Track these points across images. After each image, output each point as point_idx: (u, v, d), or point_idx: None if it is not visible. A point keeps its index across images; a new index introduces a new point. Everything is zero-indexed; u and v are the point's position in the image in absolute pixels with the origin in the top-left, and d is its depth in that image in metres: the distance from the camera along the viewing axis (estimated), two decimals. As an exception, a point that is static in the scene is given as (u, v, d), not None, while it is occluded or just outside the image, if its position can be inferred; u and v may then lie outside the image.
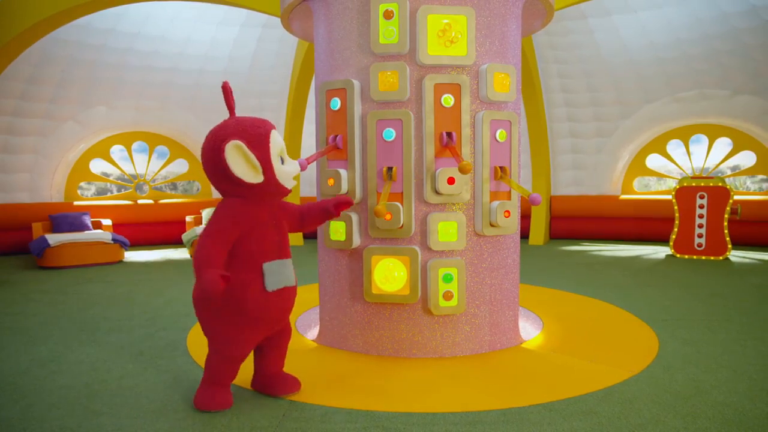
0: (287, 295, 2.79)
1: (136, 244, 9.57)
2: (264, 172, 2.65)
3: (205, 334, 2.80)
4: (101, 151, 9.76)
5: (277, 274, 2.72)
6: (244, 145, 2.59)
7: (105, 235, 7.75)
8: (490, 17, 3.56)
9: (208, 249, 2.53)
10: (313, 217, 2.95)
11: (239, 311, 2.64)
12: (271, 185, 2.69)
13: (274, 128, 2.74)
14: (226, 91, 2.68)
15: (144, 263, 7.83)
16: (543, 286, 5.84)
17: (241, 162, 2.61)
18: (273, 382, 2.94)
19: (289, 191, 2.80)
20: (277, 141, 2.70)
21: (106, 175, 10.25)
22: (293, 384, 2.95)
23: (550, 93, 10.00)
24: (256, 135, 2.63)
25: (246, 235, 2.65)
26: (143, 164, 10.21)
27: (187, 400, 2.88)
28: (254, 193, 2.68)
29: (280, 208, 2.85)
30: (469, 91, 3.51)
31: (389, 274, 3.51)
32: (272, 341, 2.90)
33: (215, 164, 2.62)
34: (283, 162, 2.73)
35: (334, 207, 2.88)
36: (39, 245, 7.28)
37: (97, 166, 9.85)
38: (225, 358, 2.73)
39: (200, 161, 2.71)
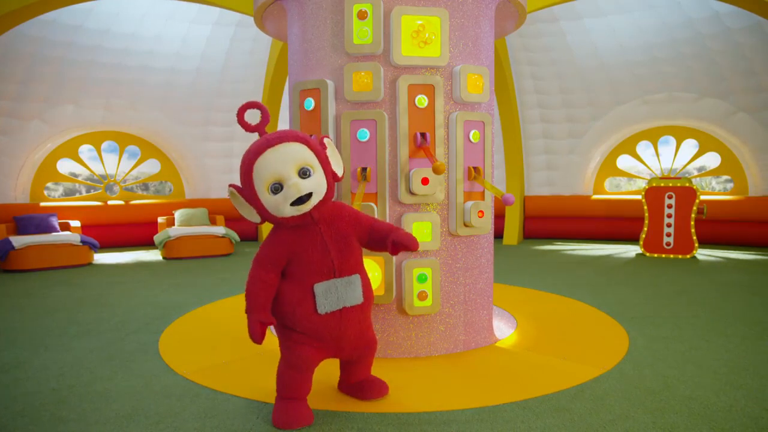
0: (350, 316, 2.59)
1: (107, 246, 9.37)
2: (258, 212, 2.54)
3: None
4: (69, 150, 9.51)
5: (330, 295, 2.53)
6: (235, 192, 2.54)
7: (73, 237, 7.56)
8: (463, 19, 3.59)
9: (253, 279, 2.52)
10: (375, 243, 2.68)
11: (300, 330, 2.57)
12: (271, 220, 2.54)
13: (265, 151, 2.41)
14: (260, 108, 2.58)
15: (114, 265, 7.67)
16: (517, 285, 5.91)
17: (239, 206, 2.58)
18: (359, 388, 2.86)
19: (296, 214, 2.47)
20: (262, 171, 2.41)
21: (75, 175, 9.99)
22: (381, 388, 2.86)
23: (523, 94, 10.14)
24: (241, 172, 2.48)
25: (293, 258, 2.54)
26: (113, 164, 10.00)
27: (158, 404, 2.82)
28: (278, 222, 2.56)
29: (347, 219, 2.64)
30: (443, 91, 3.53)
31: (364, 275, 3.51)
32: (353, 357, 2.78)
33: None
34: (280, 190, 2.41)
35: (392, 246, 2.55)
36: (2, 247, 7.05)
37: (65, 166, 9.60)
38: (290, 366, 2.59)
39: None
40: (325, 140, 2.64)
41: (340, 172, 2.67)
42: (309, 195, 2.45)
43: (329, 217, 2.60)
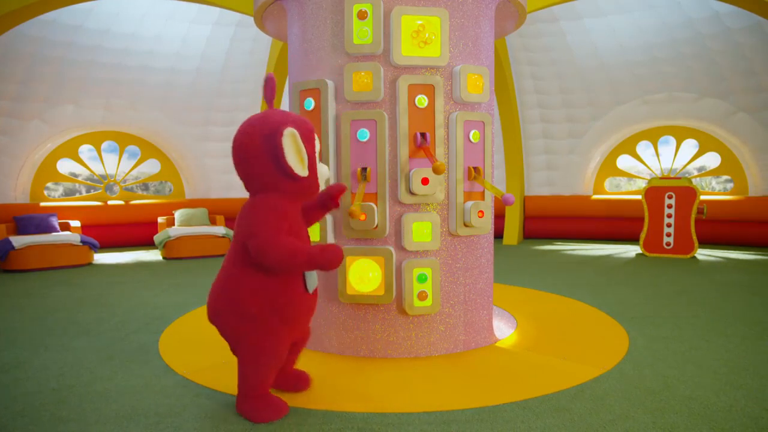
0: (316, 296, 2.79)
1: (107, 246, 9.36)
2: (309, 168, 2.61)
3: (238, 349, 2.63)
4: (69, 150, 9.51)
5: (314, 274, 2.71)
6: (298, 135, 2.53)
7: (73, 237, 7.56)
8: (463, 18, 3.59)
9: (283, 241, 2.45)
10: (313, 215, 2.87)
11: (281, 316, 2.58)
12: (311, 182, 2.65)
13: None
14: (270, 82, 2.62)
15: (114, 265, 7.67)
16: (517, 285, 5.91)
17: (293, 151, 2.53)
18: (284, 378, 2.93)
19: (317, 193, 2.76)
20: (318, 141, 2.71)
21: (75, 175, 9.99)
22: (303, 381, 2.95)
23: (523, 94, 10.13)
24: (307, 129, 2.61)
25: (290, 229, 2.58)
26: (113, 164, 10.00)
27: (158, 404, 2.82)
28: (293, 189, 2.59)
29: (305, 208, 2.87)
30: (443, 91, 3.53)
31: (364, 275, 3.51)
32: (297, 340, 2.87)
33: (264, 150, 2.49)
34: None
35: (330, 198, 2.83)
36: (2, 247, 7.05)
37: (65, 166, 9.60)
38: (269, 368, 2.61)
39: (232, 153, 2.59)
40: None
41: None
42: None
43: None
